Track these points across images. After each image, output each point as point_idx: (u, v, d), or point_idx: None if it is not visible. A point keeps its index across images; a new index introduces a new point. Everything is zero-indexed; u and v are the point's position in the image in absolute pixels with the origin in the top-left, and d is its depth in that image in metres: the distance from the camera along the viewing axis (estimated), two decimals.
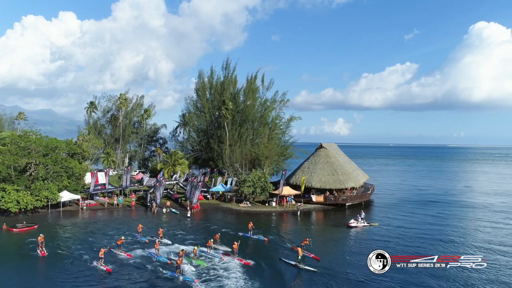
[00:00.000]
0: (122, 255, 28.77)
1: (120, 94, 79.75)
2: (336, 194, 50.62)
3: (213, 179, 56.71)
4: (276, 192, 49.88)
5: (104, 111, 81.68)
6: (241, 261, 27.48)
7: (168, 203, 47.95)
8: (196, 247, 28.74)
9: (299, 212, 46.14)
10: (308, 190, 51.64)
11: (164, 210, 45.65)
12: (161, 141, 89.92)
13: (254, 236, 34.41)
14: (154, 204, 46.19)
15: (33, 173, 42.83)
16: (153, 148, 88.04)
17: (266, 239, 33.88)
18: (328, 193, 50.65)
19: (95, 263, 26.71)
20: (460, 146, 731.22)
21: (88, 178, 52.38)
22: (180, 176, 58.30)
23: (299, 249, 27.52)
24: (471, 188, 75.58)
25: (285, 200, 49.90)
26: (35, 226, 36.38)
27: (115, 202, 48.42)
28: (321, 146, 56.23)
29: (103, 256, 26.37)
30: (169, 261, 27.44)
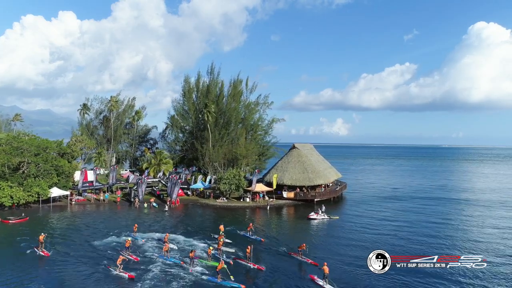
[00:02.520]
0: (130, 258, 28.16)
1: (111, 97, 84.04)
2: (305, 191, 54.90)
3: (194, 177, 60.99)
4: (250, 188, 54.15)
5: (97, 113, 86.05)
6: (254, 265, 27.04)
7: (152, 199, 52.26)
8: (210, 247, 28.80)
9: (268, 207, 50.43)
10: (281, 187, 55.88)
11: (146, 205, 49.98)
12: (151, 141, 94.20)
13: (253, 237, 34.83)
14: (136, 200, 50.44)
15: (25, 171, 47.06)
16: (143, 148, 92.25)
17: (262, 239, 34.39)
18: (298, 189, 54.91)
19: (113, 270, 25.77)
20: (453, 146, 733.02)
21: (78, 176, 56.55)
22: (163, 175, 62.58)
23: (221, 227, 35.11)
24: (442, 185, 79.64)
25: (258, 196, 54.20)
26: (26, 218, 40.63)
27: (102, 198, 52.73)
28: (293, 147, 60.58)
29: (121, 263, 25.50)
30: (182, 262, 27.59)
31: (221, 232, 34.01)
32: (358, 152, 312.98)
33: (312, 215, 44.16)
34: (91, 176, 56.04)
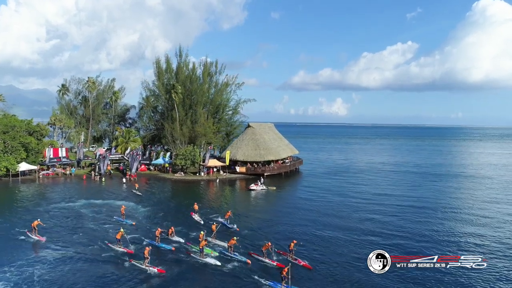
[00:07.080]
0: (122, 250, 25.98)
1: (88, 78, 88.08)
2: (256, 166, 59.84)
3: (156, 153, 65.80)
4: (203, 164, 59.07)
5: (76, 93, 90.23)
6: (278, 264, 23.89)
7: (109, 167, 57.73)
8: (202, 232, 26.78)
9: (218, 180, 55.58)
10: (236, 163, 60.75)
11: (103, 178, 55.12)
12: (130, 120, 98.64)
13: (229, 225, 32.36)
14: (92, 173, 56.36)
15: None
16: (122, 128, 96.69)
17: (237, 228, 31.89)
18: (249, 165, 59.84)
19: (134, 262, 23.81)
20: (441, 126, 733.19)
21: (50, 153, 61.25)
22: (131, 151, 67.29)
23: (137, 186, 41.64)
24: (400, 162, 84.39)
25: (212, 171, 59.25)
26: None
27: (68, 172, 57.85)
28: (249, 126, 65.23)
29: (148, 256, 23.23)
30: (173, 248, 26.43)
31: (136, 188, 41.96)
32: (348, 132, 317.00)
33: (252, 186, 49.24)
34: (60, 152, 60.79)
